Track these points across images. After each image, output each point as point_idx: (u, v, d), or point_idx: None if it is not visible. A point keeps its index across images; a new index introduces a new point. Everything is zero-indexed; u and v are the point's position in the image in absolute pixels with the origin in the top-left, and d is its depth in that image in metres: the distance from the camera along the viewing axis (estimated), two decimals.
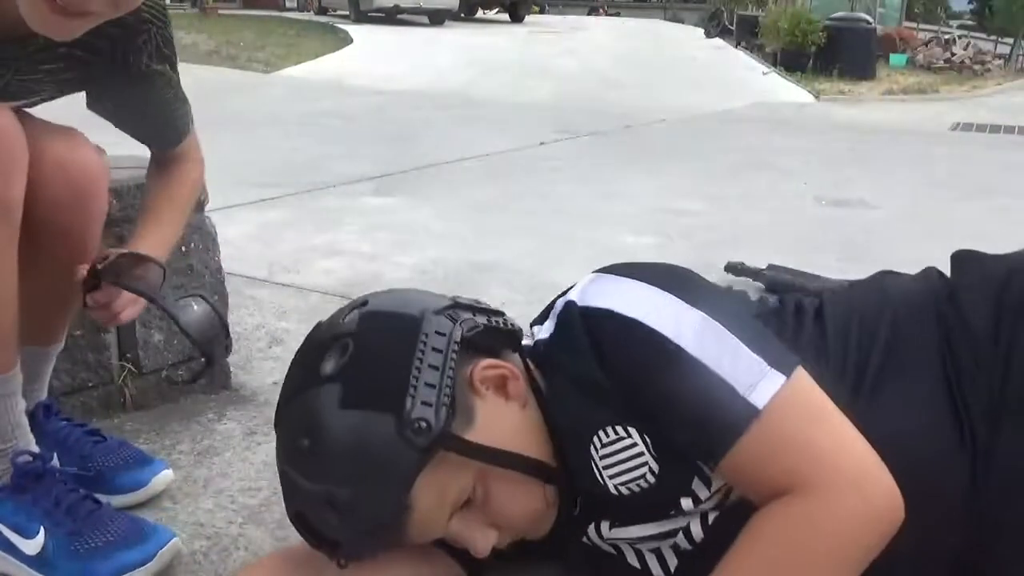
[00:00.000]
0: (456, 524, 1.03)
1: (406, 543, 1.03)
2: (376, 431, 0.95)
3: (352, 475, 0.95)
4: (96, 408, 1.73)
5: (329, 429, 0.97)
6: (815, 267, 2.88)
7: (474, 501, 1.02)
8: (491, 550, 1.07)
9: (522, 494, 1.04)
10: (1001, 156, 6.55)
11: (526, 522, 1.07)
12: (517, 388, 1.07)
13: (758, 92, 10.52)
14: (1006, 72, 14.67)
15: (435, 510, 1.00)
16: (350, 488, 0.95)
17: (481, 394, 1.04)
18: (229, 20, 16.95)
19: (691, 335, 0.94)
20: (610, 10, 29.20)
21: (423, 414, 0.94)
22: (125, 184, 1.70)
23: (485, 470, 1.01)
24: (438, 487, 0.98)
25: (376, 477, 0.95)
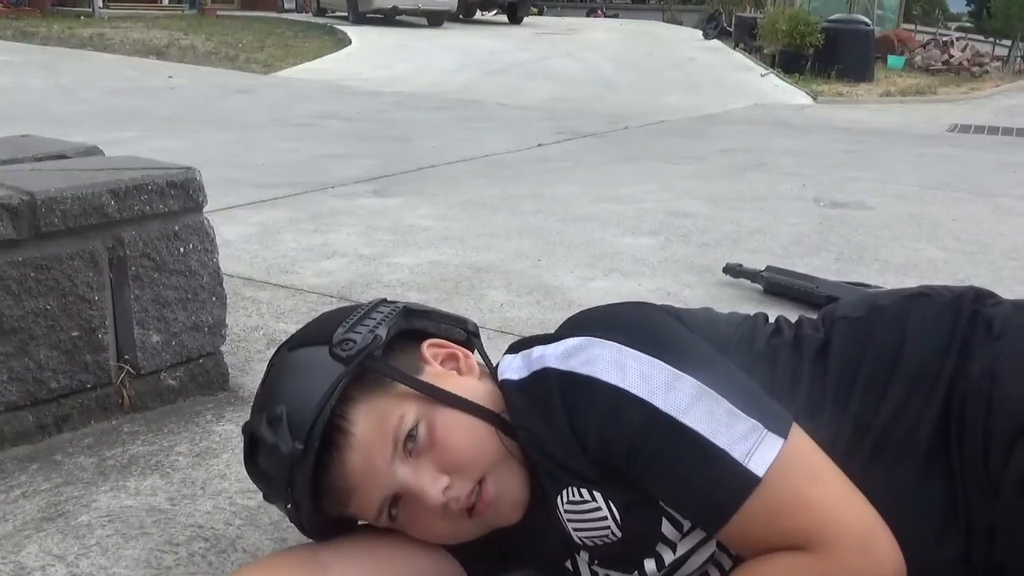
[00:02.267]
0: (404, 469, 1.00)
1: (353, 493, 1.01)
2: (310, 356, 1.03)
3: (287, 392, 1.01)
4: (94, 410, 1.73)
5: (274, 368, 1.07)
6: (813, 268, 2.88)
7: (419, 441, 1.00)
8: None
9: (470, 434, 1.01)
10: (999, 157, 6.56)
11: (482, 463, 1.02)
12: (469, 364, 1.10)
13: (756, 94, 10.54)
14: (1004, 74, 14.70)
15: (376, 441, 0.99)
16: (285, 403, 1.00)
17: (430, 362, 1.07)
18: (227, 21, 16.95)
19: (684, 403, 0.91)
20: (608, 12, 29.21)
21: (351, 336, 1.02)
22: (126, 185, 1.70)
23: (428, 407, 1.01)
24: (376, 413, 1.00)
25: (308, 392, 0.99)
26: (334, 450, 0.99)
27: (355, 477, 1.00)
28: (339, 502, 1.03)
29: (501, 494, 1.02)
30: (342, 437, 0.99)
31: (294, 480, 0.99)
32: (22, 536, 1.36)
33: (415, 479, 1.00)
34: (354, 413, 1.00)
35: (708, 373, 0.94)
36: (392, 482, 1.00)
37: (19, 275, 1.57)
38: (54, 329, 1.63)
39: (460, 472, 1.00)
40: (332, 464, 1.00)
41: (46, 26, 13.58)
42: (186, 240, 1.81)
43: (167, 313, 1.80)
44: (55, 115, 6.38)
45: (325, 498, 1.03)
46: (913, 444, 0.96)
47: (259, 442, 1.01)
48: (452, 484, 1.00)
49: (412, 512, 1.03)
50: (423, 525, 1.05)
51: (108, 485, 1.52)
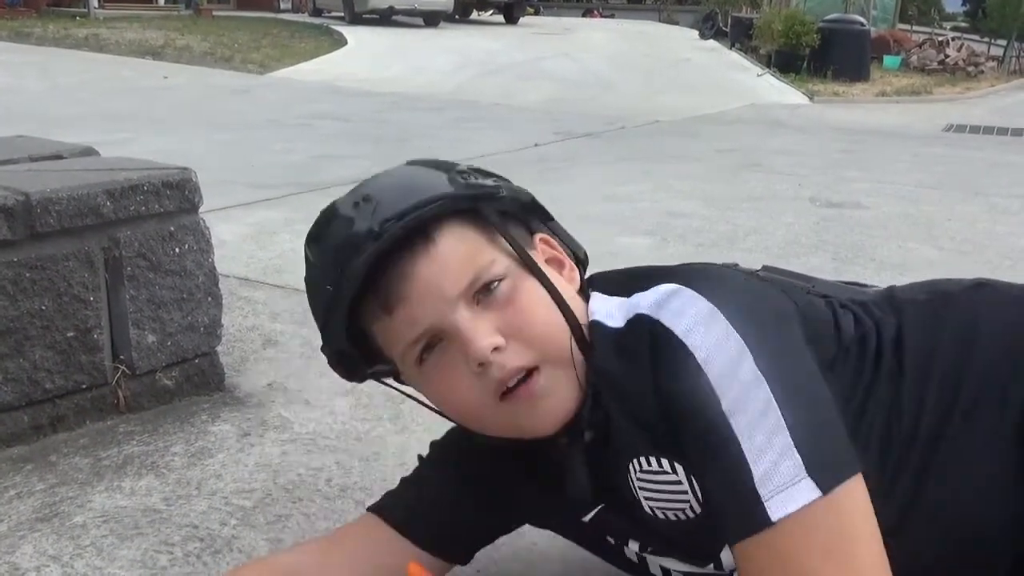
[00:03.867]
0: (465, 311, 0.90)
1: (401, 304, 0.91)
2: (426, 172, 0.97)
3: (387, 186, 0.95)
4: (89, 410, 1.72)
5: (385, 171, 1.01)
6: (809, 268, 2.88)
7: (496, 295, 0.91)
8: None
9: (548, 317, 0.93)
10: (994, 157, 6.57)
11: (545, 350, 0.92)
12: (572, 275, 1.02)
13: (752, 94, 10.55)
14: (999, 74, 14.73)
15: (455, 265, 0.91)
16: (381, 194, 0.93)
17: (537, 251, 1.00)
18: (223, 21, 16.93)
19: (737, 398, 0.83)
20: (604, 12, 29.22)
21: (472, 173, 0.97)
22: (122, 185, 1.69)
23: (520, 271, 0.93)
24: (468, 244, 0.92)
25: (410, 190, 0.92)
26: (411, 250, 0.90)
27: (417, 287, 0.90)
28: (385, 306, 0.92)
29: (547, 394, 0.92)
30: (422, 243, 0.91)
31: (350, 261, 0.89)
32: (17, 537, 1.35)
33: (471, 323, 0.90)
34: (446, 230, 0.92)
35: (785, 374, 0.86)
36: (446, 315, 0.90)
37: (14, 275, 1.57)
38: (49, 329, 1.63)
39: (520, 342, 0.91)
40: (402, 262, 0.90)
41: (41, 26, 13.55)
42: (182, 240, 1.81)
43: (163, 313, 1.79)
44: (51, 116, 6.36)
45: (369, 298, 0.92)
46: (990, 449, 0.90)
47: (336, 215, 0.94)
48: (505, 349, 0.90)
49: (446, 362, 0.92)
50: (448, 383, 0.93)
51: (103, 485, 1.51)
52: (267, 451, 1.66)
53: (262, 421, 1.78)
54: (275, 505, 1.47)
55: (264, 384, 1.96)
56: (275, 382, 1.97)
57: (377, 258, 0.89)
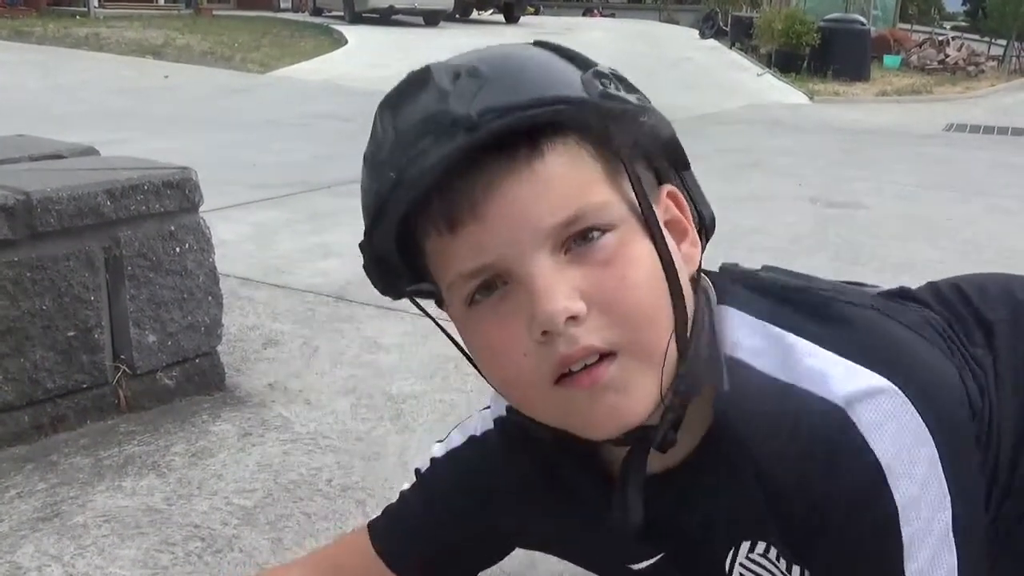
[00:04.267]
0: (548, 260, 0.69)
1: (475, 223, 0.69)
2: (558, 63, 0.74)
3: (503, 66, 0.71)
4: (90, 410, 1.73)
5: (501, 46, 0.76)
6: (810, 268, 2.88)
7: (596, 246, 0.70)
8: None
9: (653, 291, 0.71)
10: (995, 156, 6.57)
11: (634, 332, 0.70)
12: (692, 254, 0.78)
13: (753, 93, 10.55)
14: (999, 73, 14.72)
15: (558, 190, 0.69)
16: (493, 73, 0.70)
17: (659, 208, 0.76)
18: (223, 21, 16.93)
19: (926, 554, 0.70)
20: (605, 11, 29.21)
21: (614, 79, 0.73)
22: (122, 185, 1.69)
23: (634, 226, 0.71)
24: (580, 172, 0.70)
25: (530, 80, 0.70)
26: (505, 157, 0.68)
27: (499, 206, 0.68)
28: (448, 220, 0.70)
29: (617, 388, 0.70)
30: (526, 153, 0.68)
31: (427, 149, 0.68)
32: (18, 536, 1.35)
33: (549, 277, 0.68)
34: (560, 146, 0.70)
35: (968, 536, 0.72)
36: (524, 254, 0.69)
37: (15, 275, 1.57)
38: (50, 329, 1.63)
39: (605, 316, 0.69)
40: (489, 169, 0.68)
41: (42, 25, 13.55)
42: (182, 240, 1.81)
43: (163, 313, 1.80)
44: (51, 115, 6.36)
45: (437, 203, 0.70)
46: None
47: (428, 82, 0.71)
48: (585, 319, 0.68)
49: (503, 313, 0.71)
50: (498, 339, 0.72)
51: (104, 485, 1.51)
52: (268, 451, 1.66)
53: (263, 421, 1.79)
54: (276, 505, 1.47)
55: (265, 384, 1.96)
56: (276, 382, 1.97)
57: (465, 154, 0.67)
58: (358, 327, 2.28)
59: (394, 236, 0.73)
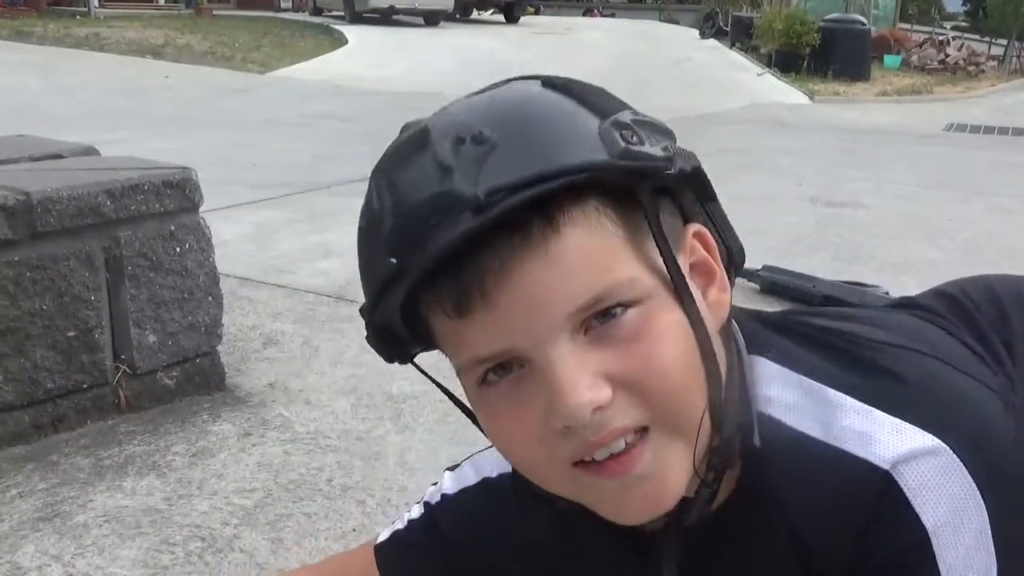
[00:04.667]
0: (568, 344, 0.62)
1: (487, 306, 0.61)
2: (573, 110, 0.65)
3: (512, 123, 0.63)
4: (90, 410, 1.73)
5: (511, 89, 0.70)
6: (811, 267, 2.88)
7: (621, 324, 0.63)
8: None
9: (685, 365, 0.64)
10: (995, 156, 6.57)
11: (662, 407, 0.64)
12: (721, 300, 0.71)
13: (753, 93, 10.55)
14: (1000, 73, 14.72)
15: (578, 270, 0.61)
16: (502, 136, 0.62)
17: (685, 254, 0.69)
18: (224, 21, 16.94)
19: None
20: (605, 11, 29.21)
21: (640, 132, 0.64)
22: (123, 184, 1.69)
23: (663, 298, 0.65)
24: (602, 245, 0.63)
25: (544, 142, 0.62)
26: (519, 237, 0.61)
27: (511, 291, 0.61)
28: (455, 305, 0.63)
29: (652, 473, 0.65)
30: (540, 231, 0.61)
31: (430, 231, 0.60)
32: (18, 536, 1.36)
33: (570, 366, 0.62)
34: (579, 217, 0.62)
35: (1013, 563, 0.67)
36: (542, 343, 0.62)
37: (15, 275, 1.57)
38: (50, 329, 1.63)
39: (634, 396, 0.63)
40: (498, 251, 0.61)
41: (42, 25, 13.55)
42: (182, 240, 1.81)
43: (163, 313, 1.80)
44: (51, 115, 6.37)
45: (442, 286, 0.63)
46: None
47: (427, 150, 0.63)
48: (610, 405, 0.62)
49: (520, 396, 0.64)
50: (515, 424, 0.66)
51: (104, 485, 1.51)
52: (268, 451, 1.66)
53: (263, 421, 1.79)
54: (276, 505, 1.47)
55: (265, 384, 1.96)
56: (276, 382, 1.97)
57: (472, 238, 0.60)
58: (358, 327, 2.27)
59: (399, 313, 0.67)
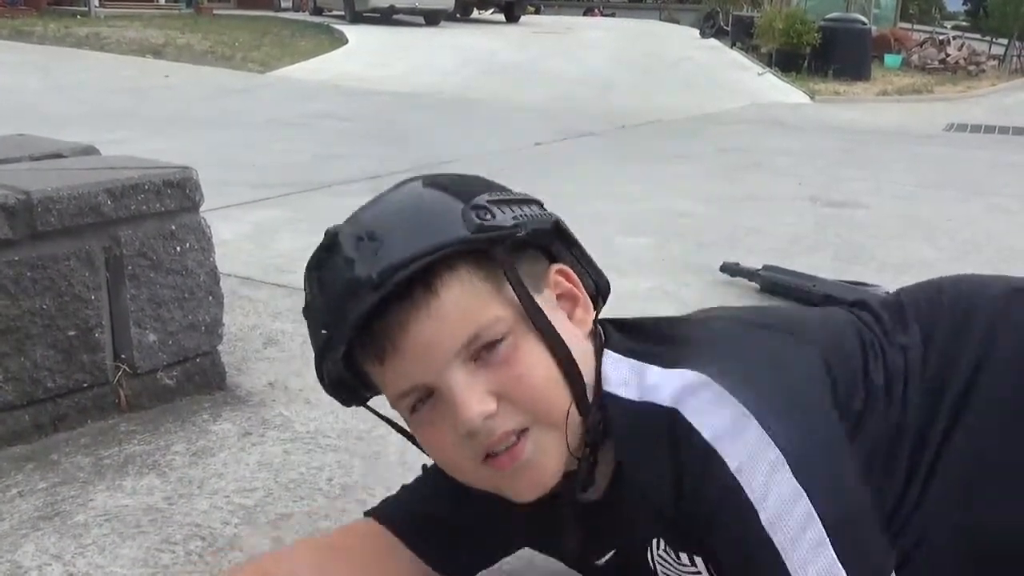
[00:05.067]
0: (461, 371, 0.86)
1: (396, 355, 0.87)
2: (441, 201, 0.88)
3: (396, 222, 0.88)
4: (90, 409, 1.73)
5: (398, 192, 0.92)
6: (811, 267, 2.88)
7: (495, 354, 0.87)
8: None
9: (548, 378, 0.88)
10: (995, 156, 6.57)
11: (537, 412, 0.88)
12: (585, 318, 0.95)
13: (753, 93, 10.54)
14: (1000, 73, 14.72)
15: (455, 323, 0.85)
16: (386, 232, 0.86)
17: (550, 288, 0.94)
18: (224, 20, 16.94)
19: (788, 528, 0.81)
20: (605, 11, 29.20)
21: (494, 209, 0.88)
22: (123, 184, 1.70)
23: (526, 327, 0.88)
24: (473, 298, 0.86)
25: (419, 230, 0.85)
26: (408, 301, 0.85)
27: (412, 342, 0.86)
28: (378, 355, 0.88)
29: (531, 461, 0.89)
30: (423, 294, 0.85)
31: (346, 308, 0.85)
32: (19, 535, 1.36)
33: (464, 388, 0.86)
34: (451, 279, 0.86)
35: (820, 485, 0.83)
36: (440, 374, 0.86)
37: (15, 274, 1.57)
38: (50, 328, 1.63)
39: (512, 406, 0.87)
40: (399, 314, 0.85)
41: (42, 25, 13.55)
42: (183, 239, 1.81)
43: (164, 312, 1.80)
44: (51, 114, 6.37)
45: (367, 342, 0.88)
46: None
47: (337, 251, 0.88)
48: (496, 414, 0.87)
49: (436, 417, 0.89)
50: (437, 438, 0.91)
51: (105, 484, 1.52)
52: (268, 450, 1.66)
53: (263, 420, 1.79)
54: (276, 504, 1.47)
55: (265, 383, 1.96)
56: (276, 381, 1.97)
57: (375, 308, 0.85)
58: None
59: (342, 368, 0.92)
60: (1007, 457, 0.91)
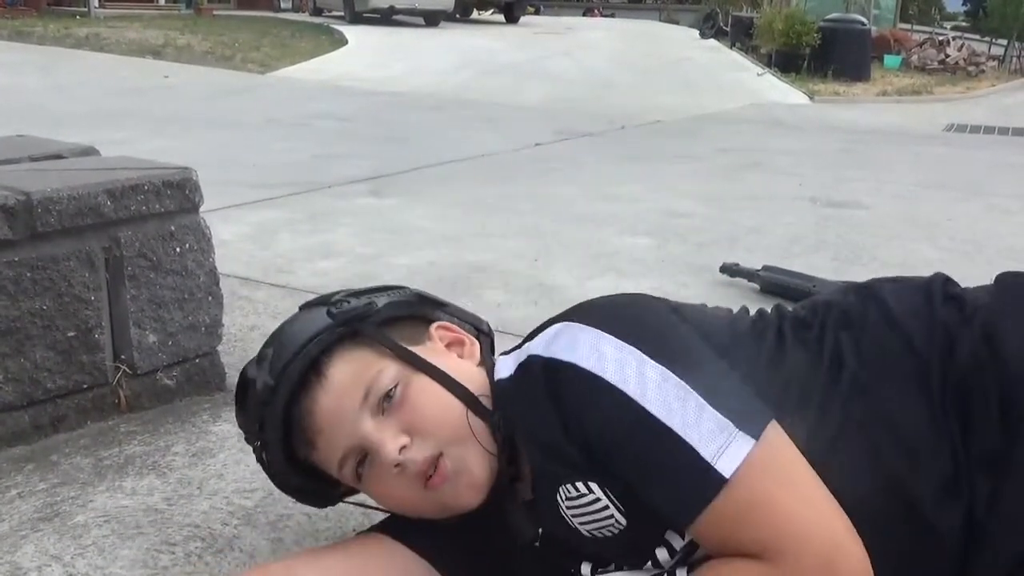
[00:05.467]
0: (370, 423, 1.03)
1: (320, 435, 1.05)
2: (310, 312, 1.12)
3: (278, 337, 1.10)
4: (90, 410, 1.73)
5: (282, 325, 1.14)
6: (811, 268, 2.88)
7: (393, 400, 1.03)
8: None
9: (439, 402, 1.04)
10: (995, 157, 6.57)
11: (444, 434, 1.02)
12: (472, 351, 1.14)
13: (753, 93, 10.55)
14: (1000, 73, 14.71)
15: (350, 387, 1.04)
16: (274, 346, 1.09)
17: (434, 340, 1.12)
18: (224, 21, 16.94)
19: (654, 394, 0.91)
20: (605, 11, 29.21)
21: (348, 300, 1.10)
22: (123, 184, 1.69)
23: (408, 371, 1.05)
24: (356, 363, 1.05)
25: (295, 336, 1.08)
26: (307, 389, 1.05)
27: (323, 419, 1.04)
28: (307, 442, 1.07)
29: (459, 471, 1.02)
30: (316, 377, 1.05)
31: (264, 416, 1.06)
32: (18, 536, 1.35)
33: (376, 433, 1.02)
34: (334, 360, 1.06)
35: (685, 363, 0.94)
36: (355, 432, 1.03)
37: (15, 275, 1.57)
38: (50, 329, 1.63)
39: (421, 435, 1.02)
40: (303, 401, 1.05)
41: (42, 26, 13.55)
42: (182, 240, 1.81)
43: (163, 313, 1.80)
44: (51, 115, 6.37)
45: (295, 436, 1.07)
46: (911, 418, 0.95)
47: (246, 378, 1.09)
48: (411, 446, 1.01)
49: (376, 471, 1.04)
50: (384, 487, 1.06)
51: (104, 485, 1.51)
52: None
53: None
54: (276, 505, 1.47)
55: None
56: None
57: (283, 407, 1.05)
58: None
59: (295, 473, 1.11)
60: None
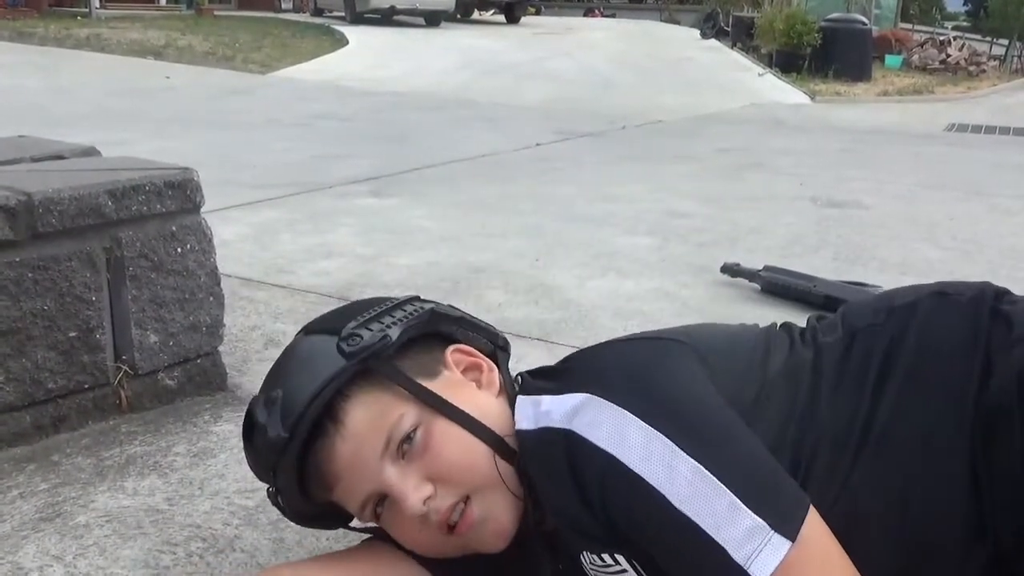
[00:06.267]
0: (392, 469, 0.98)
1: (339, 481, 1.00)
2: (319, 344, 1.03)
3: (287, 376, 1.02)
4: (91, 410, 1.73)
5: (288, 348, 1.07)
6: (811, 268, 2.88)
7: (415, 445, 0.98)
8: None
9: (465, 448, 0.99)
10: (996, 157, 6.57)
11: (470, 482, 0.99)
12: (491, 378, 1.08)
13: (754, 93, 10.55)
14: (1001, 73, 14.72)
15: (369, 434, 0.98)
16: (284, 388, 1.00)
17: (451, 367, 1.06)
18: (224, 21, 16.94)
19: (685, 492, 0.86)
20: (606, 11, 29.19)
21: (360, 332, 1.01)
22: (123, 185, 1.70)
23: (429, 412, 0.99)
24: (375, 407, 0.99)
25: (306, 380, 0.99)
26: (323, 437, 0.99)
27: (342, 466, 0.99)
28: (324, 487, 1.02)
29: (486, 518, 0.99)
30: (333, 426, 0.99)
31: (278, 466, 1.00)
32: (20, 537, 1.36)
33: (399, 482, 0.98)
34: (351, 405, 0.99)
35: (718, 452, 0.89)
36: (377, 479, 0.99)
37: (16, 276, 1.57)
38: (51, 330, 1.63)
39: (446, 484, 0.98)
40: (320, 450, 0.99)
41: (43, 26, 13.55)
42: (183, 240, 1.81)
43: (164, 313, 1.80)
44: (52, 116, 6.37)
45: (310, 480, 1.02)
46: (936, 453, 0.91)
47: (254, 421, 1.01)
48: (435, 495, 0.98)
49: (395, 514, 1.01)
50: (404, 530, 1.02)
51: (106, 485, 1.52)
52: None
53: None
54: None
55: None
56: None
57: (298, 457, 0.99)
58: None
59: (309, 505, 1.06)
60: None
